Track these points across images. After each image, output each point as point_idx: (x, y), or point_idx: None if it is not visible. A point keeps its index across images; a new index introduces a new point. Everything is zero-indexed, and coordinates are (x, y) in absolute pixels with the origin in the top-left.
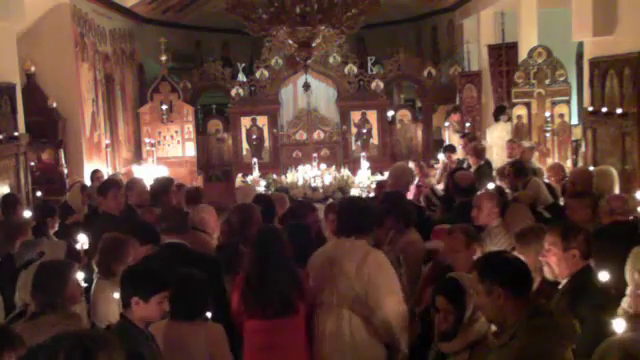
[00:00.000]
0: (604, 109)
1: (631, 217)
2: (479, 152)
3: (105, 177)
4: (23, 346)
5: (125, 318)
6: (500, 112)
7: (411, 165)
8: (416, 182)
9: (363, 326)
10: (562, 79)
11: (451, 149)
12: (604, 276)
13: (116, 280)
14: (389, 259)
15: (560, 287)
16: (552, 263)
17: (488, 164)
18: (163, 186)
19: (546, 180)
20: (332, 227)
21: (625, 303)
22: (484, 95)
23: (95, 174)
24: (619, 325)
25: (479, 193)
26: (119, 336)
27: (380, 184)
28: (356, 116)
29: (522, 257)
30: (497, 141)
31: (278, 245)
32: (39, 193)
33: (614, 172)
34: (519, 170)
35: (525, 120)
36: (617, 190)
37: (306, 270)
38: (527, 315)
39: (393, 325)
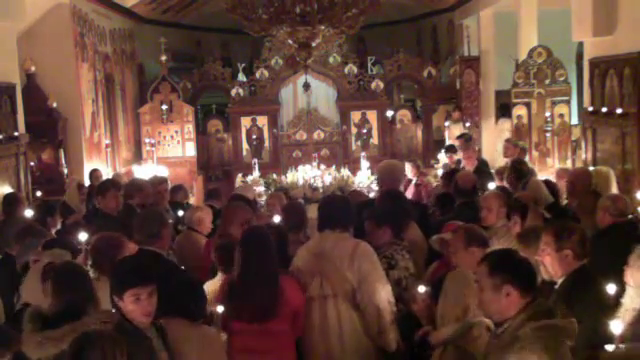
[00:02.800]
0: (604, 109)
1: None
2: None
3: (104, 177)
4: (18, 345)
5: (122, 316)
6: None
7: (407, 165)
8: (415, 181)
9: (351, 318)
10: (562, 79)
11: (452, 149)
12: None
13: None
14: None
15: (556, 287)
16: (547, 263)
17: (484, 163)
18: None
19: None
20: None
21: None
22: (482, 81)
23: (94, 173)
24: (616, 326)
25: (486, 194)
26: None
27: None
28: (356, 116)
29: None
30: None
31: (261, 247)
32: (39, 193)
33: (611, 172)
34: (519, 170)
35: (525, 120)
36: (614, 190)
37: (292, 272)
38: (528, 316)
39: (384, 316)
